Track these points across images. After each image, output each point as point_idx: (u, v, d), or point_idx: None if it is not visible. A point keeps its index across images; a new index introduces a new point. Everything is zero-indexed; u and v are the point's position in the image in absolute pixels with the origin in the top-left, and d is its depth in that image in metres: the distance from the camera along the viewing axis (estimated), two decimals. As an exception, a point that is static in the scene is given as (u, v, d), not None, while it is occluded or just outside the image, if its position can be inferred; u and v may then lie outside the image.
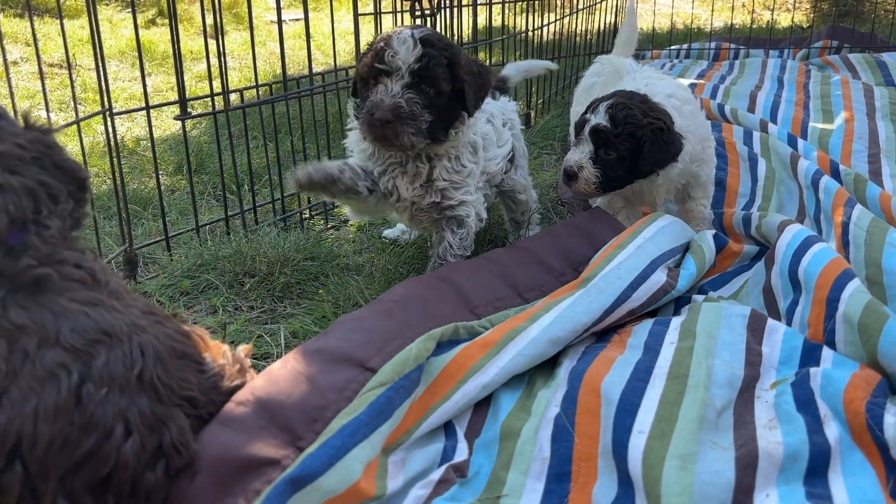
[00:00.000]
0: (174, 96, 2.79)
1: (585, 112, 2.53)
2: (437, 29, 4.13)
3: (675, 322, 1.94)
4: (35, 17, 6.89)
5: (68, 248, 1.35)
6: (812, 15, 8.28)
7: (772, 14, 7.59)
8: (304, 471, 1.33)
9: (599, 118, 2.44)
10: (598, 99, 2.53)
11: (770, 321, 1.93)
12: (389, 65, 2.10)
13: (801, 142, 3.36)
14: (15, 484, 1.16)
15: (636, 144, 2.41)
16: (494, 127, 2.56)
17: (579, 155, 2.47)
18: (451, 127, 2.25)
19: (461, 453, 1.60)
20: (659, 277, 2.13)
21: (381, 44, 2.13)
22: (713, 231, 2.59)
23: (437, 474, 1.51)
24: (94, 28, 2.30)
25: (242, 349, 1.64)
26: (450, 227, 2.38)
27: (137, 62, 4.25)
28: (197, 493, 1.32)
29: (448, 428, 1.68)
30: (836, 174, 2.96)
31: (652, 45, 6.46)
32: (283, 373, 1.58)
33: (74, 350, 1.23)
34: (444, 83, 2.14)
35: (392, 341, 1.73)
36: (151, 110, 2.62)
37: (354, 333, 1.77)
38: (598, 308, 1.96)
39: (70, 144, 3.70)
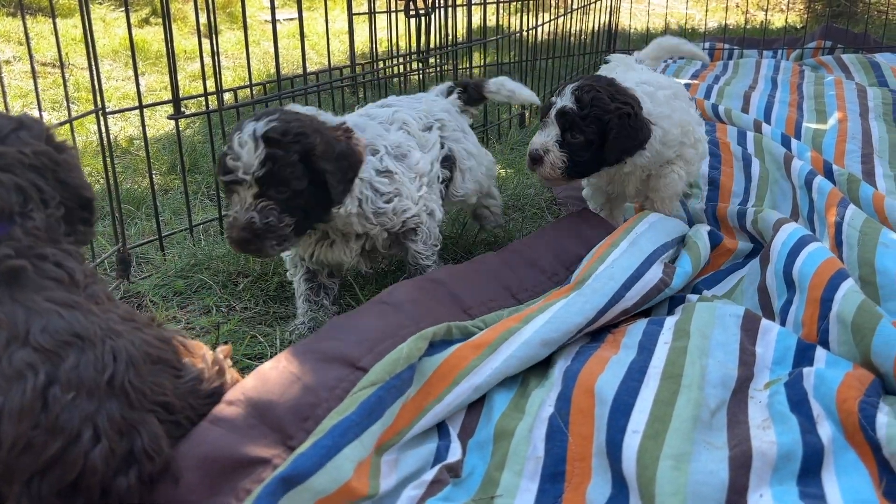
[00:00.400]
0: (168, 95, 2.78)
1: (552, 94, 2.45)
2: (432, 29, 4.14)
3: (669, 322, 1.94)
4: (28, 16, 6.86)
5: (53, 247, 1.35)
6: (806, 15, 8.30)
7: (765, 14, 7.61)
8: (295, 470, 1.33)
9: (565, 100, 2.35)
10: (565, 82, 2.46)
11: (764, 321, 1.93)
12: (234, 173, 1.89)
13: (794, 142, 3.37)
14: None
15: (603, 129, 2.33)
16: (410, 133, 2.35)
17: (545, 138, 2.38)
18: (327, 213, 2.06)
19: (454, 453, 1.60)
20: (654, 274, 2.13)
21: (226, 147, 1.93)
22: (708, 227, 2.59)
23: (430, 474, 1.50)
24: (87, 27, 2.29)
25: (221, 350, 1.63)
26: (409, 239, 2.28)
27: (131, 61, 4.23)
28: (187, 492, 1.32)
29: (441, 428, 1.68)
30: (829, 174, 2.97)
31: (646, 44, 6.46)
32: (275, 372, 1.58)
33: (44, 350, 1.21)
34: (298, 182, 1.91)
35: (384, 341, 1.73)
36: (145, 109, 2.61)
37: (346, 333, 1.76)
38: (591, 309, 1.95)
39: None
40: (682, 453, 1.43)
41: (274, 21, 2.86)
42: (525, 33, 4.55)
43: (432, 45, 4.33)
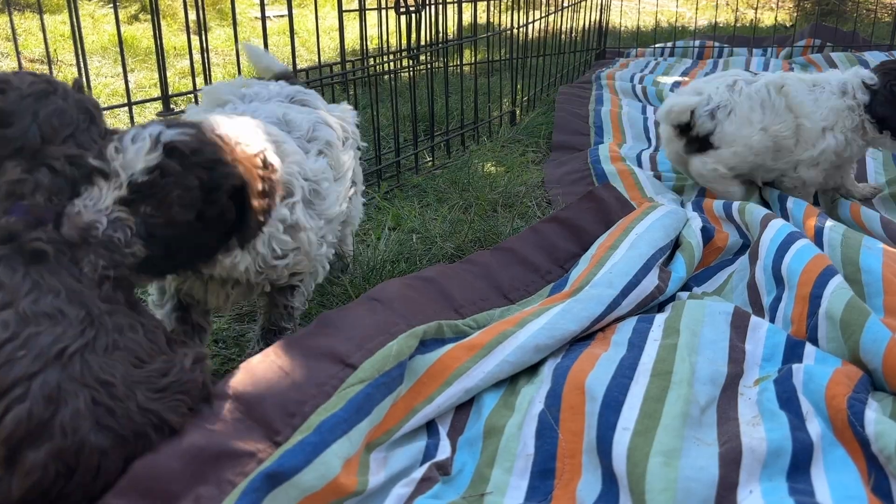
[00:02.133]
0: (157, 92, 2.77)
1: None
2: (422, 26, 4.13)
3: (659, 319, 1.95)
4: (15, 13, 6.81)
5: None
6: (795, 14, 8.33)
7: (755, 12, 7.64)
8: (281, 467, 1.32)
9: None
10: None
11: (753, 318, 1.94)
12: (108, 162, 1.48)
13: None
14: None
15: None
16: (331, 156, 1.98)
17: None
18: (204, 259, 1.64)
19: (444, 451, 1.60)
20: (650, 281, 2.13)
21: (115, 136, 1.53)
22: (700, 222, 2.60)
23: (419, 472, 1.50)
24: (76, 23, 2.28)
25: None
26: (284, 296, 1.93)
27: (119, 58, 4.20)
28: (170, 479, 1.31)
29: (430, 426, 1.67)
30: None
31: (636, 43, 6.48)
32: (263, 367, 1.57)
33: (23, 315, 1.29)
34: (183, 211, 1.49)
35: (374, 338, 1.72)
36: (134, 107, 2.59)
37: (336, 329, 1.76)
38: (586, 317, 1.94)
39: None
40: (672, 450, 1.43)
41: (263, 18, 2.85)
42: (516, 31, 4.55)
43: (423, 43, 4.32)
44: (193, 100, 2.77)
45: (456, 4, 4.19)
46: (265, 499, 1.29)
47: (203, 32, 2.66)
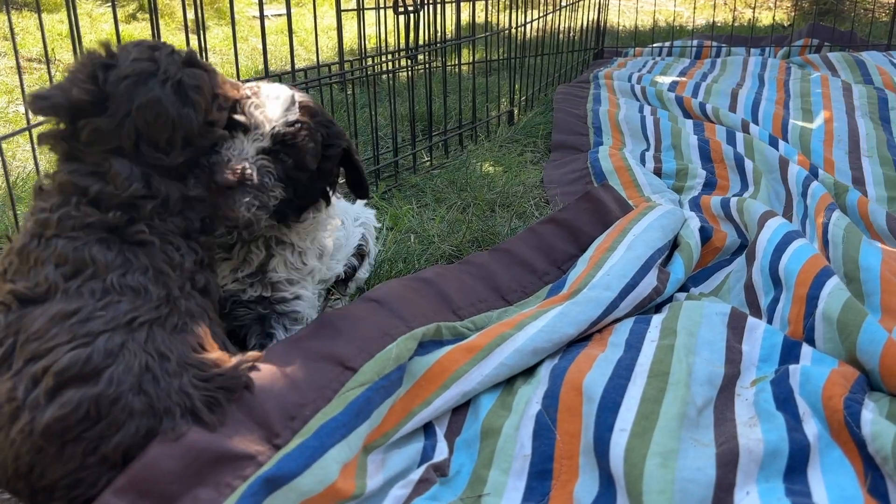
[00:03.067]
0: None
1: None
2: (420, 26, 4.13)
3: (656, 320, 1.95)
4: (13, 11, 6.80)
5: (183, 239, 1.59)
6: (793, 13, 8.33)
7: (753, 12, 7.64)
8: (279, 471, 1.33)
9: None
10: None
11: (750, 319, 1.94)
12: (249, 118, 1.70)
13: (782, 143, 3.38)
14: None
15: None
16: (345, 227, 2.20)
17: None
18: (300, 212, 1.88)
19: (441, 452, 1.60)
20: (648, 283, 2.12)
21: (245, 90, 1.76)
22: (698, 222, 2.60)
23: (417, 474, 1.50)
24: (74, 22, 2.27)
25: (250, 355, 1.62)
26: (281, 324, 1.95)
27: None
28: (169, 480, 1.31)
29: (427, 427, 1.67)
30: (815, 178, 2.98)
31: (634, 42, 6.48)
32: (264, 369, 1.58)
33: (111, 288, 1.44)
34: (311, 161, 1.77)
35: (374, 340, 1.72)
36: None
37: (336, 331, 1.76)
38: (584, 320, 1.94)
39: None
40: (670, 451, 1.43)
41: (262, 17, 2.85)
42: (514, 30, 4.54)
43: (421, 42, 4.32)
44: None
45: (454, 4, 4.19)
46: (264, 502, 1.30)
47: (201, 31, 2.66)
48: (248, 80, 2.87)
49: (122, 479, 1.30)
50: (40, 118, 1.71)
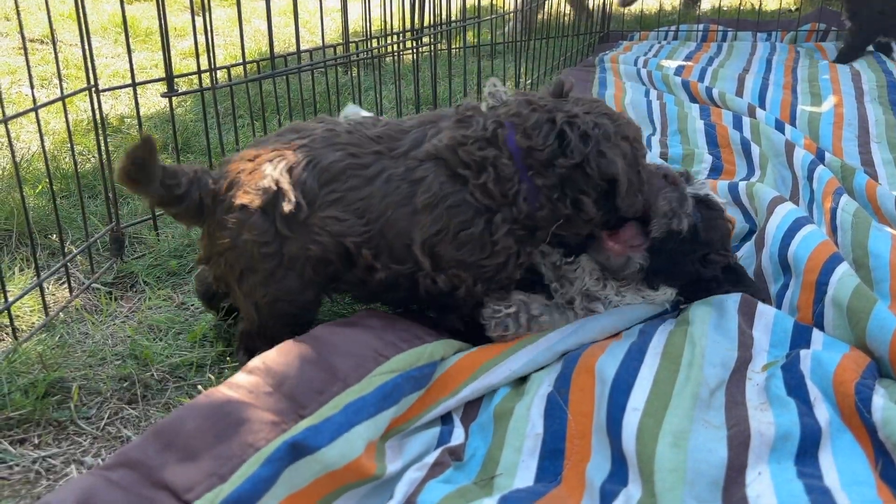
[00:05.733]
0: (157, 74, 2.74)
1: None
2: (426, 8, 4.11)
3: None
4: (14, -9, 6.74)
5: None
6: (799, -2, 8.27)
7: (759, -4, 7.57)
8: (305, 440, 1.33)
9: None
10: None
11: (760, 305, 1.94)
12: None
13: (788, 128, 3.36)
14: None
15: None
16: None
17: None
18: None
19: (458, 437, 1.60)
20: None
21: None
22: None
23: (432, 457, 1.50)
24: (80, 2, 2.25)
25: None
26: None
27: (119, 39, 4.15)
28: (193, 434, 1.32)
29: (445, 414, 1.68)
30: (822, 161, 2.97)
31: (640, 26, 6.44)
32: (298, 347, 1.58)
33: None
34: None
35: (408, 341, 1.71)
36: (137, 88, 2.57)
37: (377, 322, 1.76)
38: (612, 329, 1.91)
39: (54, 122, 3.64)
40: (682, 431, 1.44)
41: (268, -2, 2.82)
42: (519, 13, 4.52)
43: (426, 24, 4.29)
44: (196, 81, 2.75)
45: (460, -14, 4.16)
46: (288, 468, 1.30)
47: (207, 12, 2.63)
48: (252, 61, 2.84)
49: (151, 429, 1.33)
50: (45, 99, 1.70)
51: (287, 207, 1.67)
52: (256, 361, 1.52)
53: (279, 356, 1.55)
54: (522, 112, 1.72)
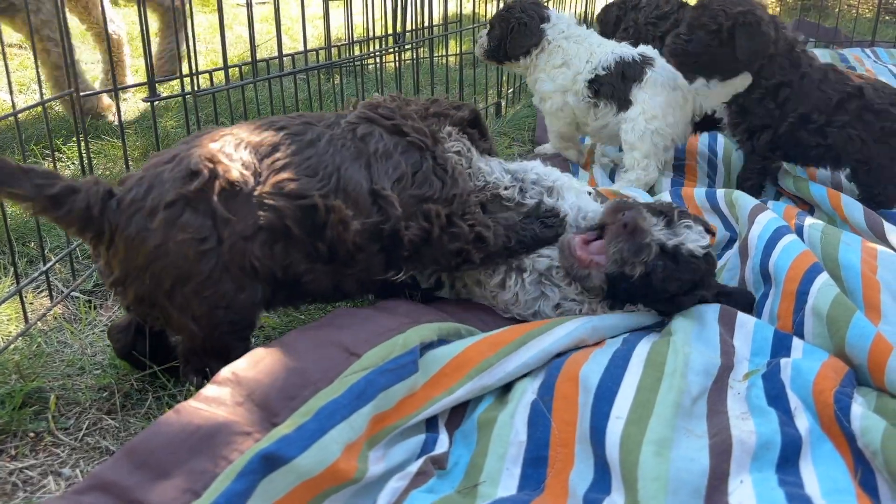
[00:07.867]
0: (136, 79, 2.72)
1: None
2: (408, 15, 4.11)
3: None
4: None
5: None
6: (778, 9, 8.38)
7: (738, 7, 7.65)
8: (279, 450, 1.31)
9: None
10: None
11: (740, 314, 1.96)
12: None
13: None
14: None
15: None
16: None
17: None
18: None
19: (441, 445, 1.59)
20: None
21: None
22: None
23: (415, 466, 1.49)
24: (60, 7, 2.23)
25: None
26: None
27: (97, 45, 4.12)
28: (165, 451, 1.31)
29: (430, 420, 1.67)
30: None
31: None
32: (268, 355, 1.57)
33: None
34: None
35: (382, 334, 1.70)
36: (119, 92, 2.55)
37: (347, 321, 1.75)
38: (610, 332, 1.94)
39: (31, 128, 3.60)
40: (664, 439, 1.44)
41: (249, 5, 2.82)
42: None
43: (408, 29, 4.30)
44: (178, 86, 2.73)
45: (442, -6, 4.17)
46: (262, 481, 1.28)
47: (187, 19, 2.62)
48: (233, 66, 2.82)
49: (123, 449, 1.31)
50: (23, 105, 1.67)
51: (234, 175, 1.62)
52: (226, 372, 1.50)
53: (248, 365, 1.53)
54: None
